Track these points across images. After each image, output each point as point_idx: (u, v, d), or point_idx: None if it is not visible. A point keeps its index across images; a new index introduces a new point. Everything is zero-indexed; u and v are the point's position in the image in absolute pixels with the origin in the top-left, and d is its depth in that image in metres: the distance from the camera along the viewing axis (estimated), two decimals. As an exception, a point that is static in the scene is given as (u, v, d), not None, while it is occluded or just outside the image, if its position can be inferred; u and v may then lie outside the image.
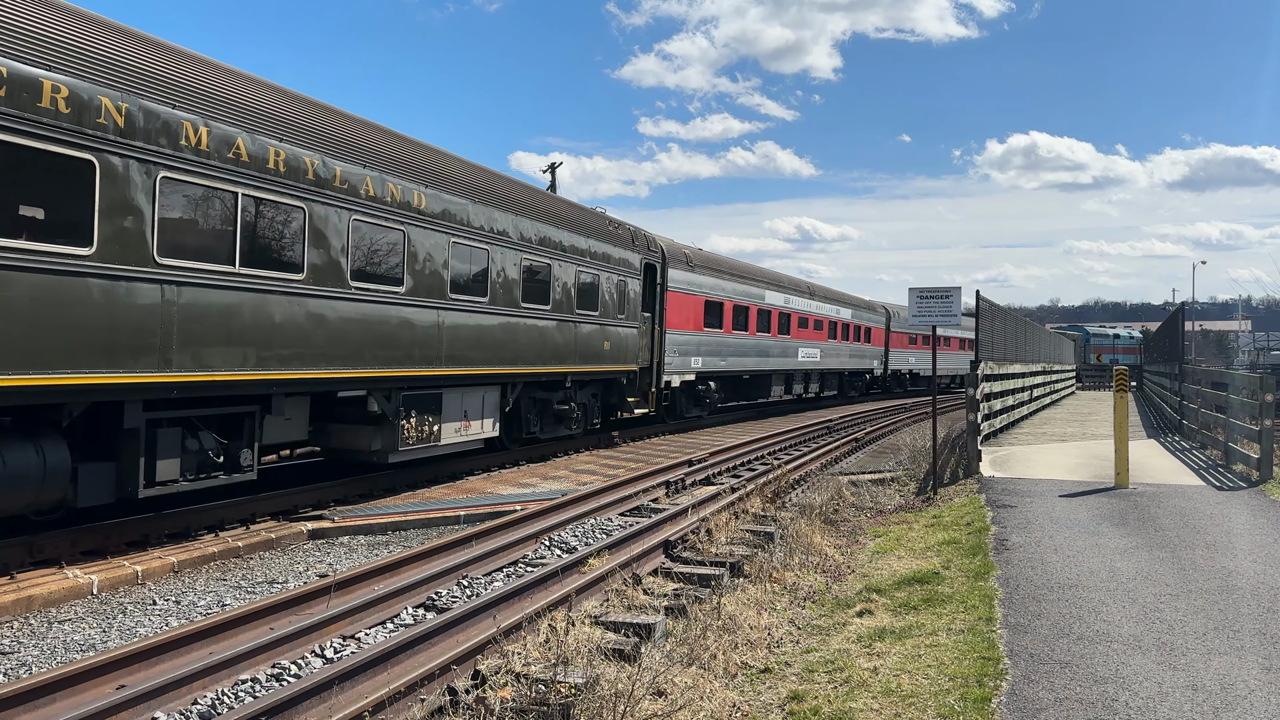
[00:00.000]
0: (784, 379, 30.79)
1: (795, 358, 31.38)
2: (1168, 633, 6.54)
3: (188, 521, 10.04)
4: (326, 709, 5.11)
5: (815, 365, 33.51)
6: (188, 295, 9.25)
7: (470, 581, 8.24)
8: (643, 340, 20.72)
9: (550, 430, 17.28)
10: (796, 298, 31.96)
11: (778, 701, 5.61)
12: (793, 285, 32.40)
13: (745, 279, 27.93)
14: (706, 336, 24.25)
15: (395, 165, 12.53)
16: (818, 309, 33.94)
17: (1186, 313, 29.62)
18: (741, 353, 26.67)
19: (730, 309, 26.00)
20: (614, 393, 19.99)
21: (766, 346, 28.76)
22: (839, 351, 36.42)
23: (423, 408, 13.12)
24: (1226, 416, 15.88)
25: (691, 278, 23.72)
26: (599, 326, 18.31)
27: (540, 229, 16.19)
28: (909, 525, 11.15)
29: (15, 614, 7.52)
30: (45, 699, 5.24)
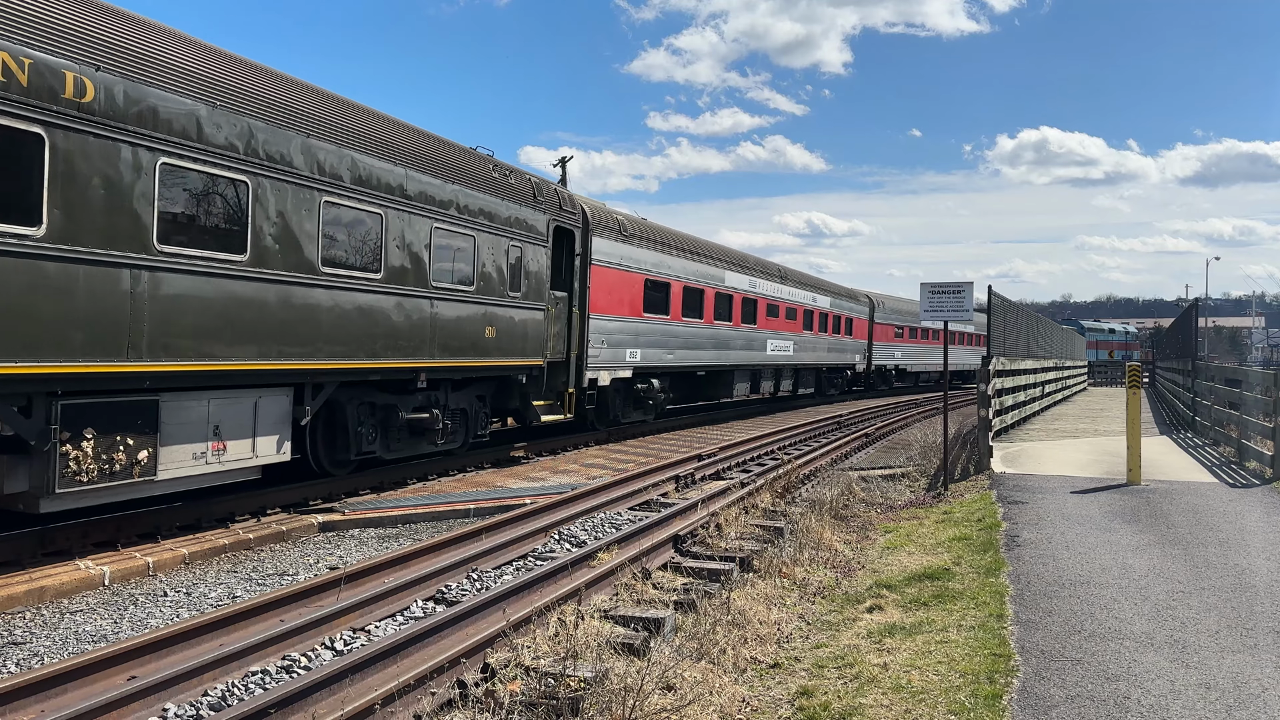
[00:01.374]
0: (750, 376, 26.89)
1: (763, 351, 27.52)
2: (1180, 630, 6.50)
3: (198, 514, 10.08)
4: (337, 701, 5.12)
5: (787, 360, 29.77)
6: None
7: (480, 575, 8.25)
8: (554, 327, 16.49)
9: (402, 448, 13.07)
10: (765, 281, 27.99)
11: (787, 697, 5.60)
12: (760, 267, 28.35)
13: (699, 256, 23.86)
14: (648, 324, 20.34)
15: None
16: (790, 295, 30.09)
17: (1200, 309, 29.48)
18: (694, 344, 22.94)
19: (679, 291, 22.13)
20: (513, 395, 15.70)
21: (727, 338, 24.92)
22: (815, 344, 32.64)
23: (114, 424, 8.56)
24: (1240, 413, 15.79)
25: (627, 251, 19.50)
26: (477, 307, 13.93)
27: (363, 164, 11.51)
28: (919, 521, 11.11)
29: (28, 605, 7.56)
30: (58, 689, 5.27)
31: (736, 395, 26.37)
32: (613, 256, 18.81)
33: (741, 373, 26.24)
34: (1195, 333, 24.80)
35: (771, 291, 28.38)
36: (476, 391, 14.73)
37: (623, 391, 20.01)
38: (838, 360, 35.38)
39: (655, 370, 20.97)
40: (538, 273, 15.77)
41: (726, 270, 25.22)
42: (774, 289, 28.67)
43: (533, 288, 15.58)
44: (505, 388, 15.49)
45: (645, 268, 20.38)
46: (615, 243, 19.02)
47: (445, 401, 13.78)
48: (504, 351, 14.77)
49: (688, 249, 23.29)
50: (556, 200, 16.75)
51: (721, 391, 25.73)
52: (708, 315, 23.89)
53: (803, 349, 31.19)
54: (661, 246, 21.51)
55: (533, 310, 15.61)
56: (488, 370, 14.50)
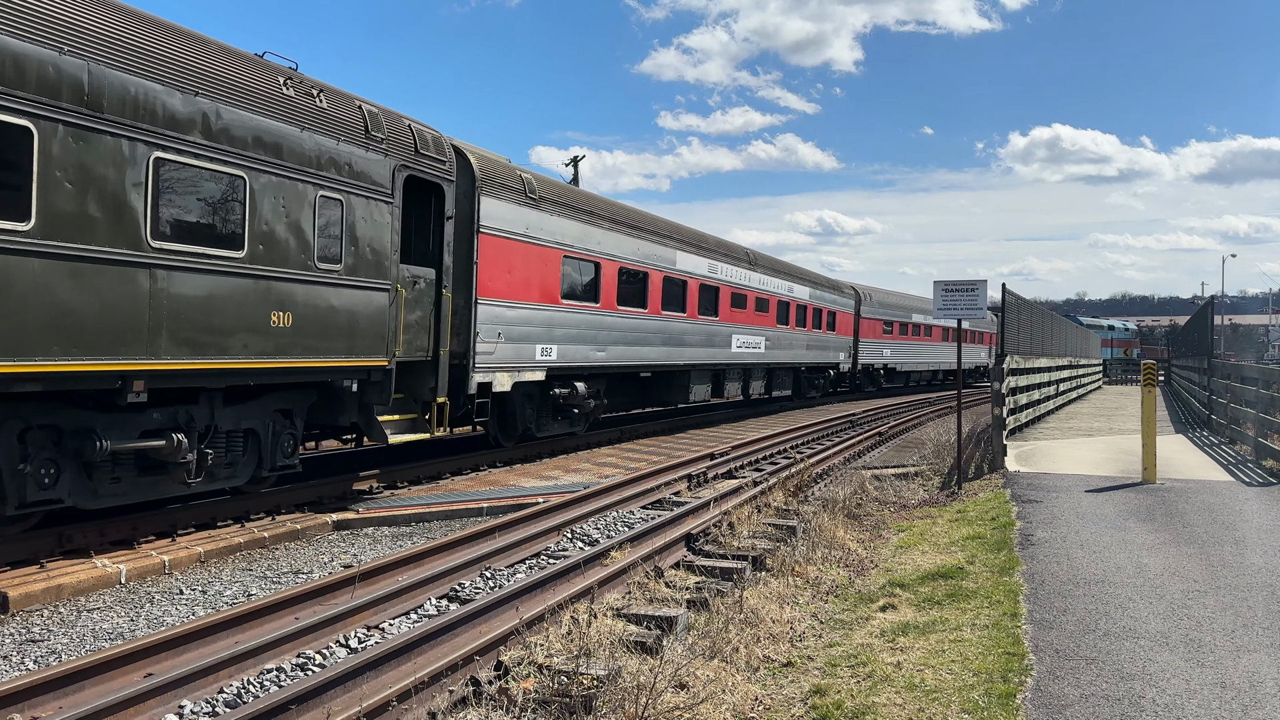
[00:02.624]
0: (710, 376, 23.08)
1: (727, 348, 23.74)
2: (1196, 629, 6.47)
3: (213, 512, 10.13)
4: (352, 698, 5.14)
5: (758, 358, 25.89)
6: None
7: (493, 573, 8.27)
8: (409, 315, 12.08)
9: (118, 492, 8.97)
10: (729, 266, 24.06)
11: (800, 695, 5.60)
12: (723, 249, 24.23)
13: (641, 232, 19.40)
14: (568, 314, 16.33)
15: None
16: (762, 284, 26.16)
17: (1215, 307, 29.30)
18: (636, 339, 18.88)
19: (613, 274, 18.00)
20: (342, 408, 11.50)
21: (680, 331, 21.01)
22: (792, 341, 28.64)
23: None
24: (1256, 411, 15.68)
25: (537, 220, 15.39)
26: (252, 282, 9.63)
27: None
28: (933, 520, 11.09)
29: (46, 602, 7.62)
30: (75, 686, 5.31)
31: (694, 399, 22.21)
32: (515, 225, 14.74)
33: (700, 373, 22.34)
34: (1211, 330, 24.63)
35: (738, 279, 24.51)
36: (276, 404, 10.57)
37: (535, 398, 16.11)
38: (819, 359, 31.65)
39: (580, 371, 16.92)
40: (375, 239, 11.19)
41: (679, 251, 21.10)
42: (741, 276, 24.74)
43: (366, 259, 11.06)
44: (331, 398, 11.33)
45: (564, 243, 16.22)
46: (519, 208, 14.92)
47: (211, 422, 9.65)
48: (312, 348, 10.30)
49: (625, 222, 18.83)
50: (411, 142, 12.09)
51: (675, 395, 21.74)
52: (653, 304, 19.72)
53: (777, 346, 27.29)
54: (587, 217, 17.23)
55: (367, 290, 11.09)
56: (287, 375, 10.21)
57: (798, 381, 30.74)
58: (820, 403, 32.32)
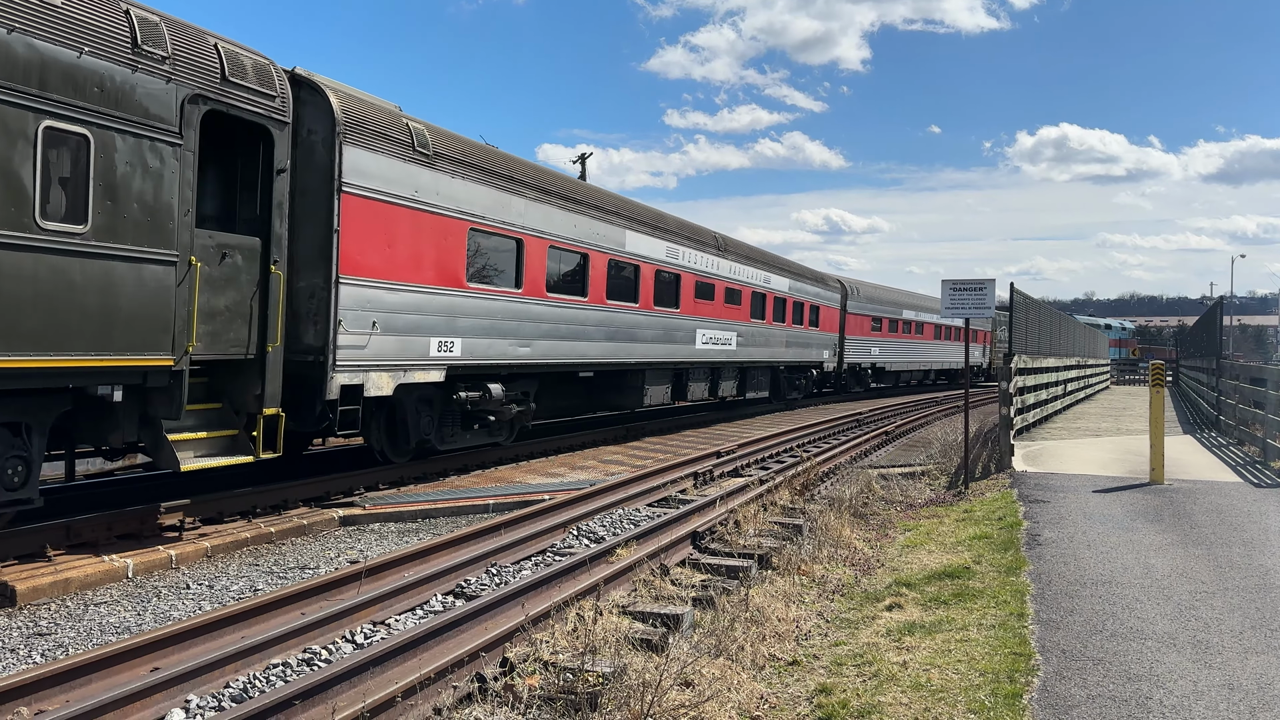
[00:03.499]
0: (670, 376, 20.52)
1: (691, 344, 21.07)
2: (1203, 631, 6.45)
3: (220, 507, 10.15)
4: (357, 694, 5.15)
5: (728, 356, 23.28)
6: None
7: (499, 569, 8.28)
8: (221, 296, 9.42)
9: None
10: (694, 251, 21.25)
11: (806, 694, 5.59)
12: (684, 231, 21.19)
13: (579, 205, 16.33)
14: (478, 300, 13.43)
15: None
16: (733, 273, 23.53)
17: (1224, 307, 29.17)
18: (573, 333, 16.02)
19: (540, 254, 15.02)
20: (110, 423, 8.83)
21: (630, 324, 18.11)
22: (769, 337, 25.99)
23: None
24: (1265, 412, 15.62)
25: (430, 181, 12.32)
26: None
27: None
28: (939, 519, 11.07)
29: (53, 596, 7.65)
30: (82, 679, 5.32)
31: (651, 402, 19.52)
32: (399, 186, 11.76)
33: (658, 373, 19.68)
34: (1220, 331, 24.52)
35: (704, 266, 21.78)
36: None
37: (435, 403, 13.18)
38: (800, 357, 28.84)
39: (496, 371, 14.08)
40: (149, 193, 8.43)
41: (629, 231, 17.96)
42: (708, 262, 22.04)
43: (133, 220, 8.31)
44: (94, 410, 8.70)
45: (471, 213, 13.24)
46: (406, 165, 11.91)
47: None
48: (33, 340, 7.56)
49: (558, 193, 15.72)
50: (216, 66, 9.16)
51: (628, 398, 19.07)
52: (595, 292, 16.77)
53: (751, 342, 24.66)
54: (505, 183, 14.13)
55: (135, 261, 8.34)
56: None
57: (776, 382, 27.96)
58: (802, 405, 29.98)
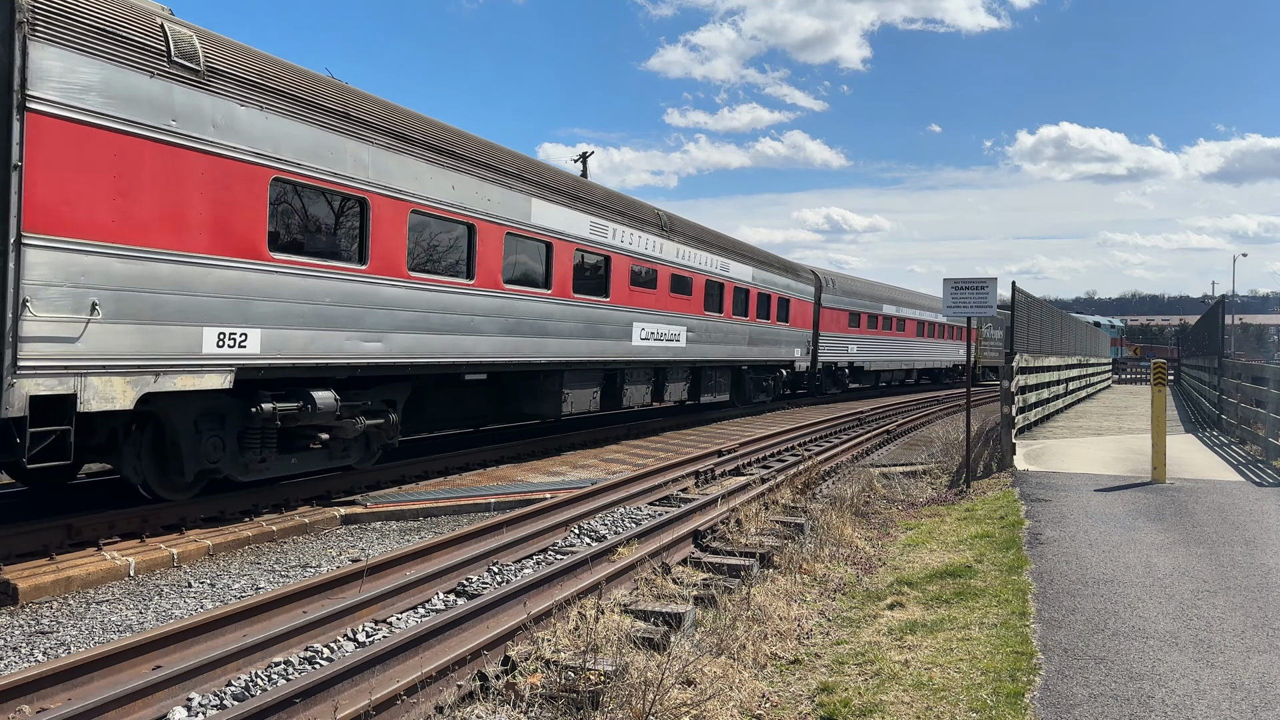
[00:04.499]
0: (599, 378, 17.45)
1: (626, 339, 17.94)
2: (1205, 630, 6.44)
3: (222, 506, 10.16)
4: (359, 692, 5.15)
5: (676, 354, 20.27)
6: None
7: (501, 568, 8.28)
8: None
9: None
10: (627, 229, 17.94)
11: (807, 693, 5.59)
12: (614, 204, 17.90)
13: (457, 161, 12.82)
14: (289, 276, 10.08)
15: None
16: (681, 258, 20.48)
17: (1226, 306, 29.15)
18: (452, 324, 12.75)
19: (398, 221, 11.59)
20: None
21: (540, 316, 14.91)
22: (730, 333, 23.22)
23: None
24: (1266, 411, 15.61)
25: (202, 109, 9.11)
26: None
27: None
28: (941, 518, 11.06)
29: (55, 594, 7.65)
30: (83, 678, 5.33)
31: (574, 409, 16.58)
32: (143, 113, 8.51)
33: (581, 374, 16.69)
34: (1222, 330, 24.51)
35: (643, 247, 18.57)
36: None
37: (232, 420, 9.95)
38: (767, 355, 26.00)
39: (329, 372, 10.74)
40: None
41: (536, 199, 14.69)
42: (648, 244, 18.80)
43: None
44: None
45: (277, 157, 9.80)
46: (155, 81, 8.63)
47: None
48: None
49: (424, 141, 12.11)
50: None
51: (542, 405, 16.05)
52: (486, 274, 13.47)
53: (705, 339, 21.69)
54: (339, 122, 10.62)
55: None
56: None
57: (740, 383, 25.38)
58: (770, 408, 27.52)
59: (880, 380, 39.77)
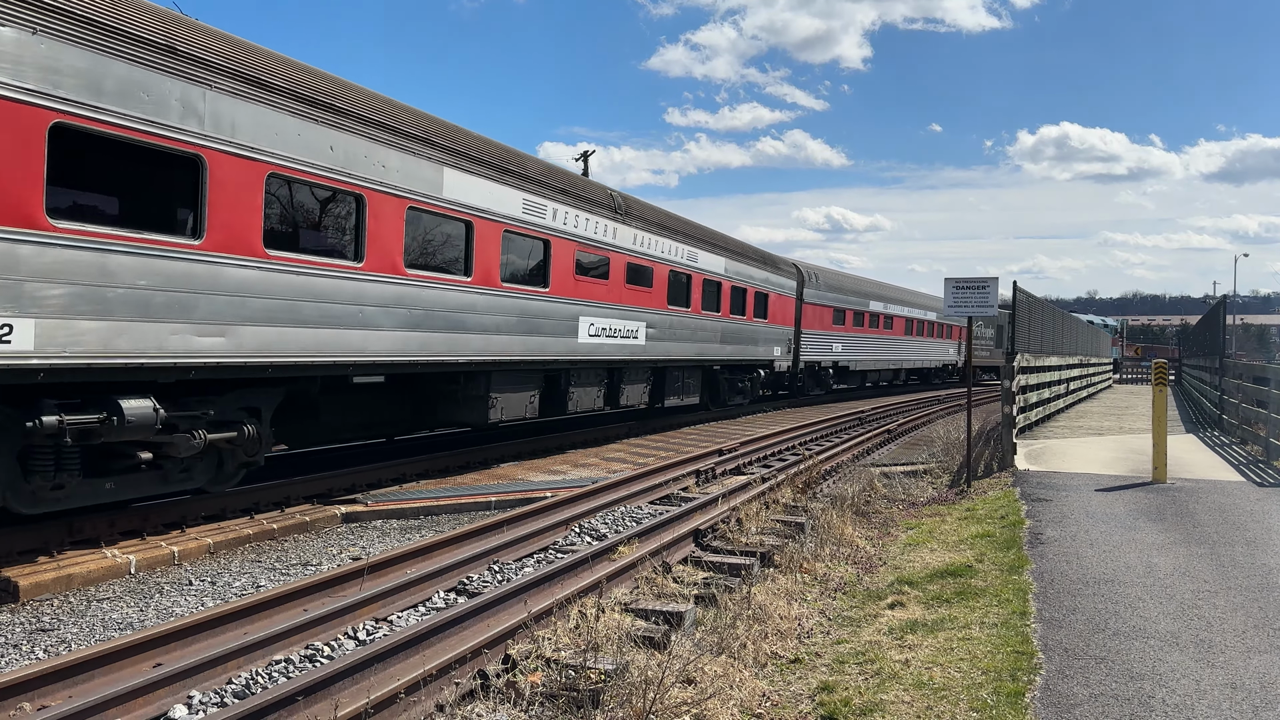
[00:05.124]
0: (538, 380, 15.23)
1: (571, 336, 15.78)
2: (1206, 630, 6.44)
3: (223, 504, 10.16)
4: (360, 690, 5.15)
5: (633, 352, 18.08)
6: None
7: (501, 567, 8.28)
8: None
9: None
10: (569, 208, 15.64)
11: (808, 692, 5.59)
12: (554, 180, 15.53)
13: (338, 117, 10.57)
14: (76, 251, 7.85)
15: None
16: (639, 245, 18.26)
17: (1227, 306, 29.14)
18: (336, 316, 10.58)
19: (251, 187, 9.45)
20: None
21: (461, 308, 12.73)
22: (698, 329, 21.19)
23: None
24: (1268, 411, 15.60)
25: None
26: None
27: None
28: (942, 518, 11.06)
29: (56, 592, 7.66)
30: (84, 675, 5.33)
31: (506, 415, 14.36)
32: None
33: (513, 375, 14.42)
34: (1223, 330, 24.50)
35: (592, 232, 16.41)
36: None
37: (10, 436, 7.89)
38: (741, 354, 24.07)
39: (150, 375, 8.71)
40: None
41: (449, 169, 12.44)
42: (598, 228, 16.63)
43: None
44: None
45: (52, 94, 7.67)
46: None
47: None
48: None
49: (285, 88, 9.87)
50: None
51: (462, 410, 13.90)
52: (380, 256, 11.14)
53: (669, 335, 19.67)
54: (152, 55, 8.50)
55: None
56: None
57: (714, 385, 23.65)
58: (748, 411, 25.74)
59: (867, 381, 38.36)
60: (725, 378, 24.01)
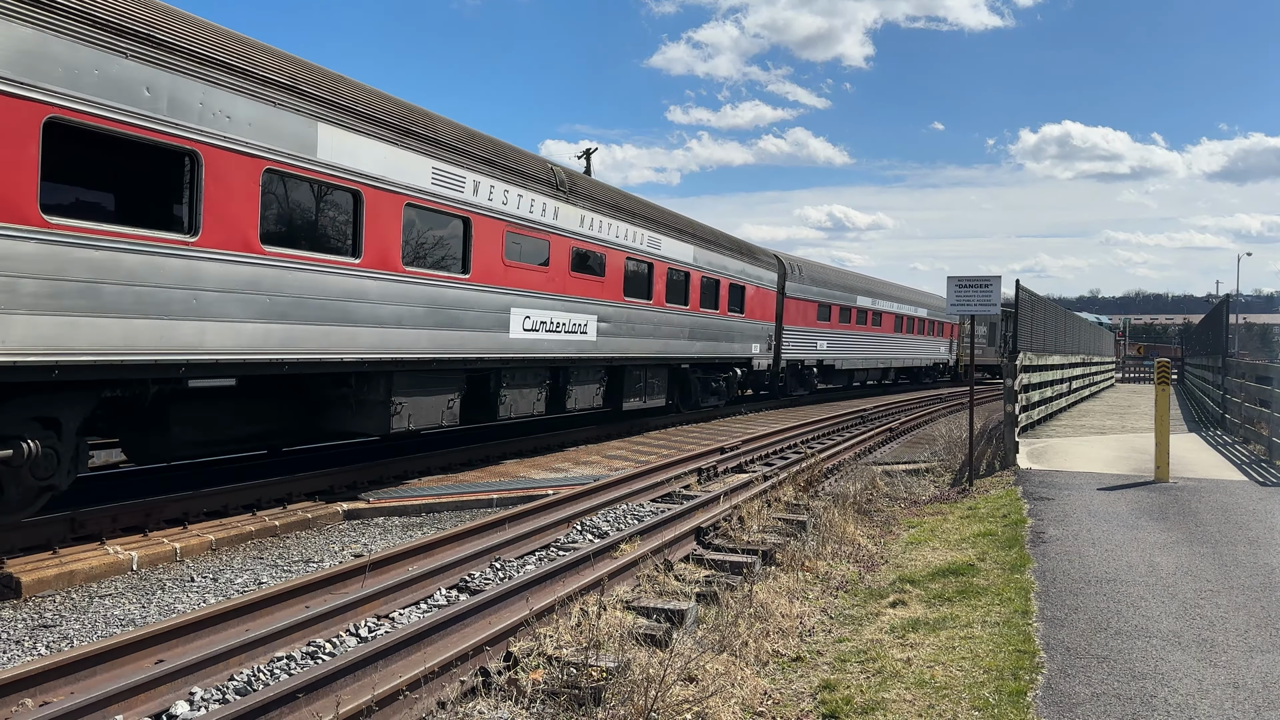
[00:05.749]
0: (458, 381, 13.14)
1: (502, 331, 13.63)
2: (1208, 629, 6.43)
3: (225, 500, 10.16)
4: (362, 687, 5.15)
5: (582, 350, 15.94)
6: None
7: (503, 564, 8.29)
8: None
9: None
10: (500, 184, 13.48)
11: (809, 690, 5.58)
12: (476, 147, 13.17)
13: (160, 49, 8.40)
14: None
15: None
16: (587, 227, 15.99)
17: (1230, 306, 29.10)
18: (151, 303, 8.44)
19: (20, 126, 7.23)
20: None
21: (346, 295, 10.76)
22: (662, 324, 19.07)
23: None
24: (1270, 411, 15.57)
25: None
26: None
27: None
28: (944, 516, 11.05)
29: (58, 588, 7.66)
30: (87, 672, 5.33)
31: (414, 424, 12.24)
32: None
33: (422, 377, 12.31)
34: (1226, 329, 24.46)
35: (527, 211, 14.12)
36: None
37: None
38: (714, 351, 22.23)
39: None
40: None
41: (324, 124, 10.35)
42: (535, 207, 14.36)
43: None
44: None
45: None
46: None
47: None
48: None
49: (72, 7, 7.70)
50: None
51: (359, 420, 11.81)
52: (222, 228, 9.18)
53: (627, 330, 17.59)
54: None
55: None
56: None
57: (684, 385, 21.86)
58: (725, 414, 23.94)
59: (854, 380, 36.36)
60: (697, 377, 22.42)
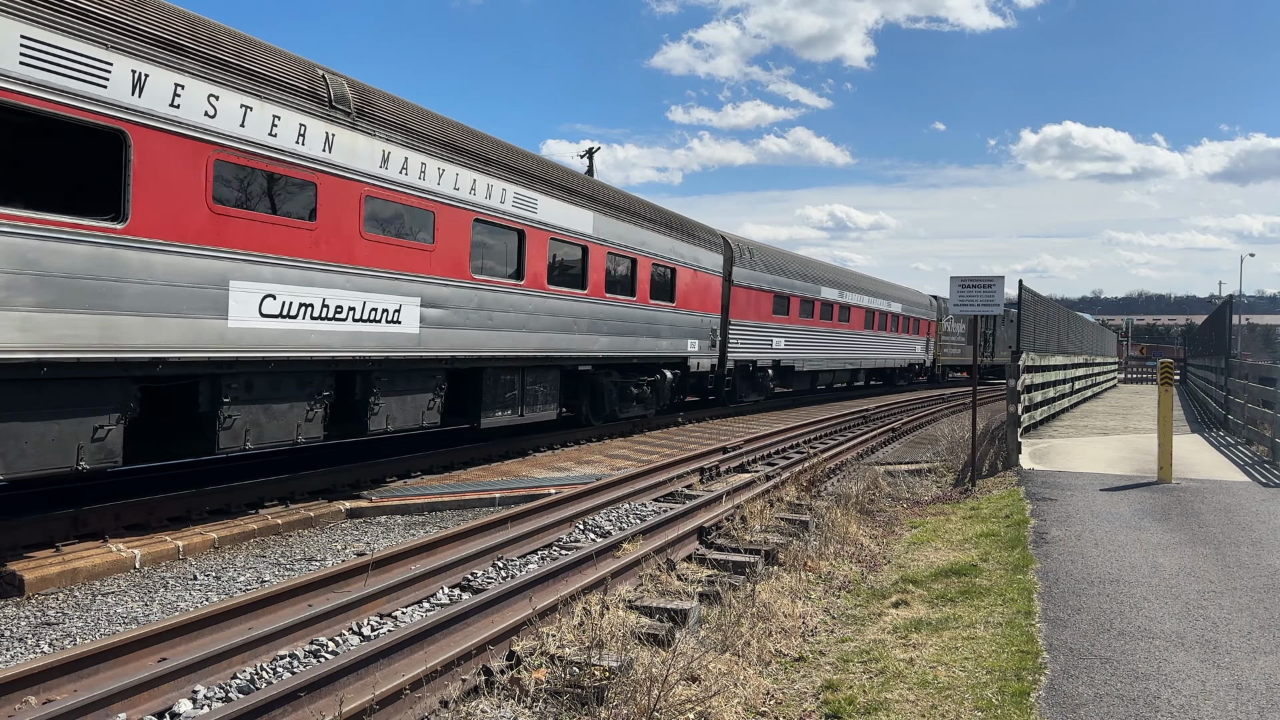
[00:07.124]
0: (114, 396, 8.20)
1: (216, 315, 9.06)
2: (1211, 630, 6.43)
3: (228, 499, 10.18)
4: (364, 685, 5.15)
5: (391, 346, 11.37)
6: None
7: (506, 563, 8.28)
8: None
9: None
10: (201, 83, 8.65)
11: (812, 690, 5.58)
12: (133, 16, 7.98)
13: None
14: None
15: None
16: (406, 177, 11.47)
17: (1233, 306, 29.06)
18: None
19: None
20: None
21: (117, 269, 7.86)
22: (546, 312, 14.92)
23: None
24: (1274, 412, 15.55)
25: None
26: None
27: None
28: (946, 517, 11.04)
29: (61, 586, 7.67)
30: (89, 669, 5.34)
31: (13, 469, 7.49)
32: None
33: (31, 392, 7.57)
34: (1229, 330, 24.44)
35: (268, 136, 9.51)
36: None
37: None
38: (633, 349, 18.14)
39: None
40: None
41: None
42: (277, 129, 9.61)
43: None
44: None
45: None
46: None
47: None
48: None
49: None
50: None
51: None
52: None
53: (474, 320, 13.11)
54: None
55: None
56: None
57: (593, 392, 17.66)
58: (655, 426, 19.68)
59: (818, 383, 31.59)
60: (612, 382, 18.04)
